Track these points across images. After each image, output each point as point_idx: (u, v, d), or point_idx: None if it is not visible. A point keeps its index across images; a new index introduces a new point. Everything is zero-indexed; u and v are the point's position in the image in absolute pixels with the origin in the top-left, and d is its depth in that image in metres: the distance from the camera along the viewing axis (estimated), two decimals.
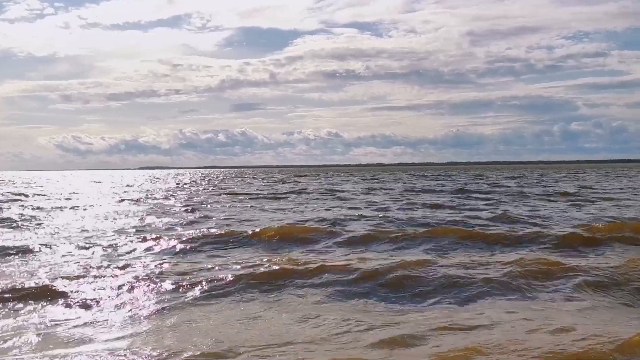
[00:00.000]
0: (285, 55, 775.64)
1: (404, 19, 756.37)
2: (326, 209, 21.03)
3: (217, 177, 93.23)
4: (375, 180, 56.19)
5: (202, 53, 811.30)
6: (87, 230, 14.70)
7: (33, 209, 22.49)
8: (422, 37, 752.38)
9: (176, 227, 15.41)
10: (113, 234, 13.93)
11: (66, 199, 30.26)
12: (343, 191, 33.93)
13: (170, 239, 12.22)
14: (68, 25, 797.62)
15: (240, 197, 30.39)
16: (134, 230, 14.70)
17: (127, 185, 53.02)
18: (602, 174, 66.91)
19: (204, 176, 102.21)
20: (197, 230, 13.93)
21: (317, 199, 27.91)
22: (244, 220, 17.02)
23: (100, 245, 11.75)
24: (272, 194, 32.83)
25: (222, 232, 13.50)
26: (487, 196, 27.31)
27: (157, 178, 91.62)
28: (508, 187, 36.54)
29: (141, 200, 28.57)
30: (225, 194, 33.36)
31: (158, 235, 12.70)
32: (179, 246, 11.64)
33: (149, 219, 17.56)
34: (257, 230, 13.35)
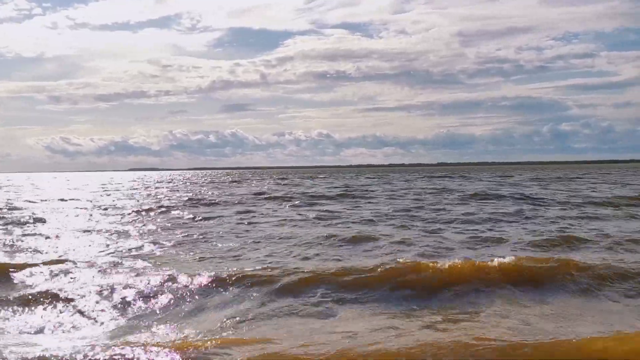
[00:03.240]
0: (275, 56, 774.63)
1: (394, 20, 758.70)
2: None
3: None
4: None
5: (192, 54, 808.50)
6: None
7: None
8: (412, 38, 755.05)
9: None
10: None
11: None
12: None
13: None
14: (56, 26, 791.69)
15: None
16: None
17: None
18: None
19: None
20: None
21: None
22: None
23: None
24: None
25: None
26: None
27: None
28: None
29: None
30: None
31: None
32: None
33: None
34: None
